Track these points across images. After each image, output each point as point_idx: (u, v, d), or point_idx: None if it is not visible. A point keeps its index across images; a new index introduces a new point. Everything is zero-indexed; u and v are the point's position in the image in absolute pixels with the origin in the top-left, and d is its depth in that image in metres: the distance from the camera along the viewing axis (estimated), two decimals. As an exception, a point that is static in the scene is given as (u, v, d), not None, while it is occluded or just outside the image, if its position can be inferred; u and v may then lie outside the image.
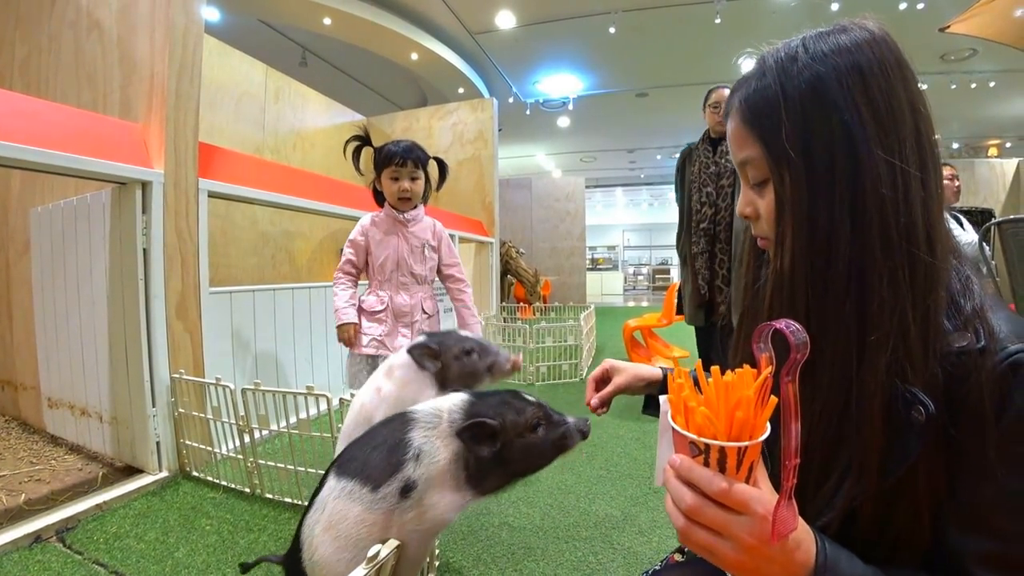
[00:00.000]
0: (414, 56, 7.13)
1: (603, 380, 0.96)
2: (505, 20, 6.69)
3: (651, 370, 0.95)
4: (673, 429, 0.47)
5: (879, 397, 0.49)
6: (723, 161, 2.86)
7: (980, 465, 0.47)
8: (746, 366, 0.46)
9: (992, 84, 8.01)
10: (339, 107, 5.56)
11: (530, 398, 0.94)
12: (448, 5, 6.38)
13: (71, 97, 2.30)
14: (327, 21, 6.17)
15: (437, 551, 1.40)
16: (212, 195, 2.22)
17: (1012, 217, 2.59)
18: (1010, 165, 8.05)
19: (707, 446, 0.44)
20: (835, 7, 5.94)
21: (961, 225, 2.93)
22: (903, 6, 5.68)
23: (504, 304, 7.31)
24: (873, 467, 0.49)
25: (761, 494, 0.44)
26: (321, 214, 3.13)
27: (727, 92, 2.73)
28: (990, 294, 0.54)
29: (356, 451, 0.92)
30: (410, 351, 1.26)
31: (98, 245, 2.07)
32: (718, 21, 6.24)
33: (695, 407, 0.45)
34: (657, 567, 0.95)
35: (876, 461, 0.49)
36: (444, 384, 1.24)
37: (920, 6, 5.69)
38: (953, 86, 7.80)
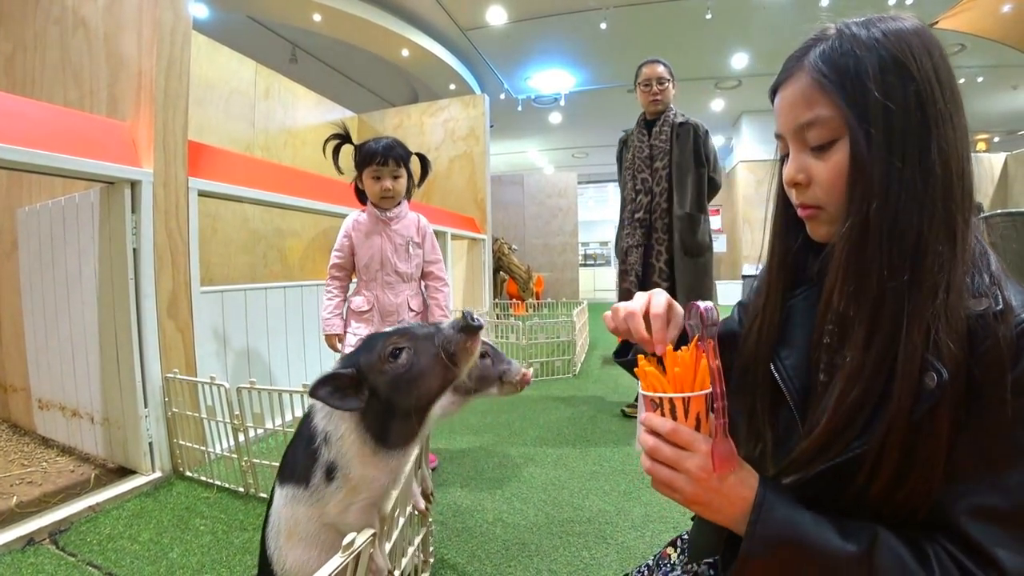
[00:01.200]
0: (405, 52, 7.10)
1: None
2: (496, 16, 6.67)
3: None
4: (641, 393, 0.59)
5: (919, 352, 0.51)
6: (657, 143, 2.69)
7: (986, 419, 0.50)
8: (692, 339, 0.58)
9: (980, 79, 8.09)
10: (330, 104, 5.54)
11: (389, 328, 0.87)
12: (439, 1, 6.35)
13: (57, 95, 2.28)
14: (317, 18, 6.13)
15: (432, 548, 1.40)
16: (202, 194, 2.20)
17: (1000, 211, 2.63)
18: (998, 159, 8.16)
19: (660, 400, 0.56)
20: (824, 2, 5.96)
21: None
22: (892, 1, 5.71)
23: (497, 300, 7.31)
24: (903, 413, 0.51)
25: (704, 436, 0.55)
26: (312, 212, 3.12)
27: (660, 68, 2.62)
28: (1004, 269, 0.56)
29: (287, 455, 0.91)
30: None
31: (87, 245, 2.05)
32: (709, 16, 6.25)
33: (648, 370, 0.58)
34: (649, 562, 0.96)
35: (907, 409, 0.51)
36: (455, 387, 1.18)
37: (909, 1, 5.72)
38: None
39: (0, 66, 2.63)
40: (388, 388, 0.80)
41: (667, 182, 2.63)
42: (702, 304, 0.55)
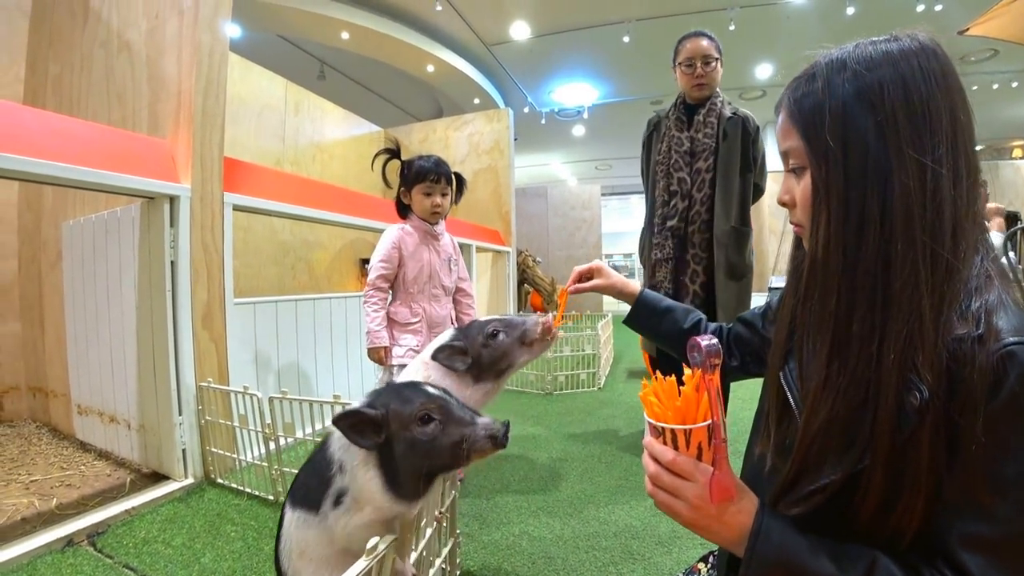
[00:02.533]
0: (430, 68, 7.23)
1: (588, 276, 1.14)
2: (520, 31, 6.75)
3: (629, 284, 1.13)
4: (645, 419, 0.61)
5: (896, 376, 0.53)
6: (700, 136, 2.20)
7: (971, 447, 0.50)
8: (694, 371, 0.59)
9: (1015, 84, 7.90)
10: (356, 119, 5.65)
11: (432, 390, 0.85)
12: (463, 17, 6.47)
13: (102, 115, 2.38)
14: (345, 35, 6.29)
15: (459, 559, 1.41)
16: (236, 208, 2.27)
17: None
18: (1035, 167, 7.91)
19: (663, 428, 0.58)
20: (850, 11, 5.90)
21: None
22: (920, 8, 5.63)
23: (520, 312, 7.32)
24: (886, 435, 0.53)
25: (704, 466, 0.57)
26: (340, 225, 3.18)
27: (705, 42, 2.24)
28: (1012, 297, 0.56)
29: (300, 477, 0.92)
30: (435, 356, 1.19)
31: (128, 257, 2.13)
32: (732, 28, 6.24)
33: (653, 400, 0.60)
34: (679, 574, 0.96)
35: (889, 431, 0.53)
36: (480, 376, 1.16)
37: (938, 8, 5.64)
38: (975, 87, 7.66)
39: (49, 87, 2.76)
40: (403, 445, 0.80)
41: (710, 187, 2.18)
42: (703, 341, 0.57)
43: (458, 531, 1.38)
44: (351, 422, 0.79)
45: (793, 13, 6.16)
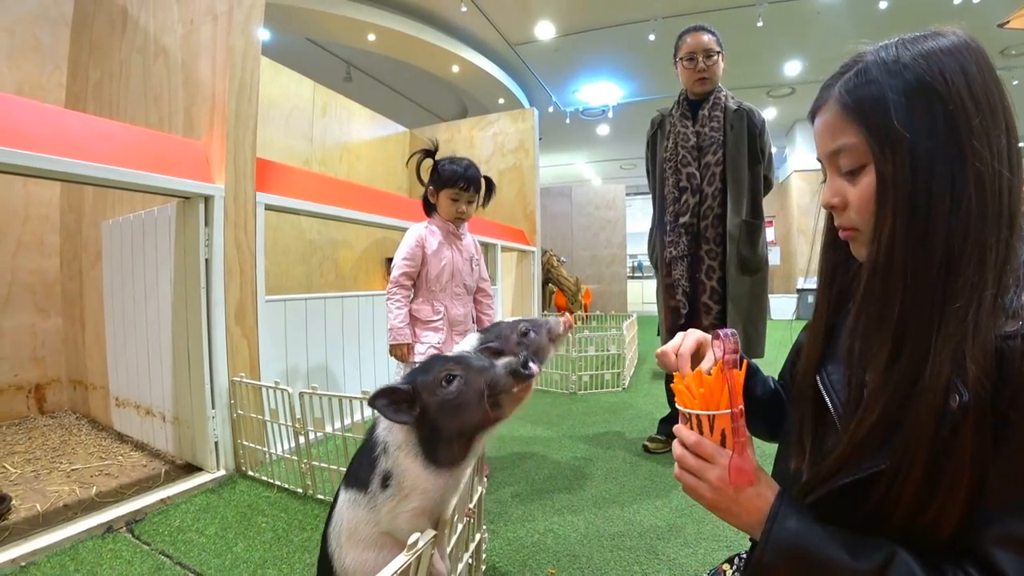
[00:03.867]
0: (455, 68, 7.27)
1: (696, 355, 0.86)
2: (545, 31, 6.74)
3: None
4: (676, 406, 0.65)
5: (947, 373, 0.51)
6: (707, 130, 2.20)
7: (1013, 444, 0.49)
8: (718, 362, 0.62)
9: (1059, 80, 7.58)
10: (383, 120, 5.72)
11: (449, 355, 0.89)
12: (488, 18, 6.48)
13: (139, 118, 2.46)
14: (371, 37, 6.36)
15: (484, 555, 1.42)
16: (268, 208, 2.33)
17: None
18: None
19: (689, 414, 0.62)
20: (883, 5, 5.74)
21: None
22: (958, 1, 5.46)
23: (545, 313, 7.31)
24: (929, 432, 0.51)
25: (726, 451, 0.59)
26: (367, 224, 3.23)
27: (706, 37, 2.21)
28: None
29: (353, 461, 0.96)
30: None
31: (164, 256, 2.20)
32: (760, 24, 6.12)
33: (681, 388, 0.64)
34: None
35: (932, 428, 0.51)
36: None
37: (976, 1, 5.45)
38: (1015, 82, 7.40)
39: (89, 92, 2.86)
40: (435, 411, 0.83)
41: (721, 181, 2.17)
42: (723, 332, 0.61)
43: (484, 527, 1.39)
44: (386, 401, 0.82)
45: (824, 8, 6.02)
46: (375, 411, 0.83)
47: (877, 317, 0.58)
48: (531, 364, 0.81)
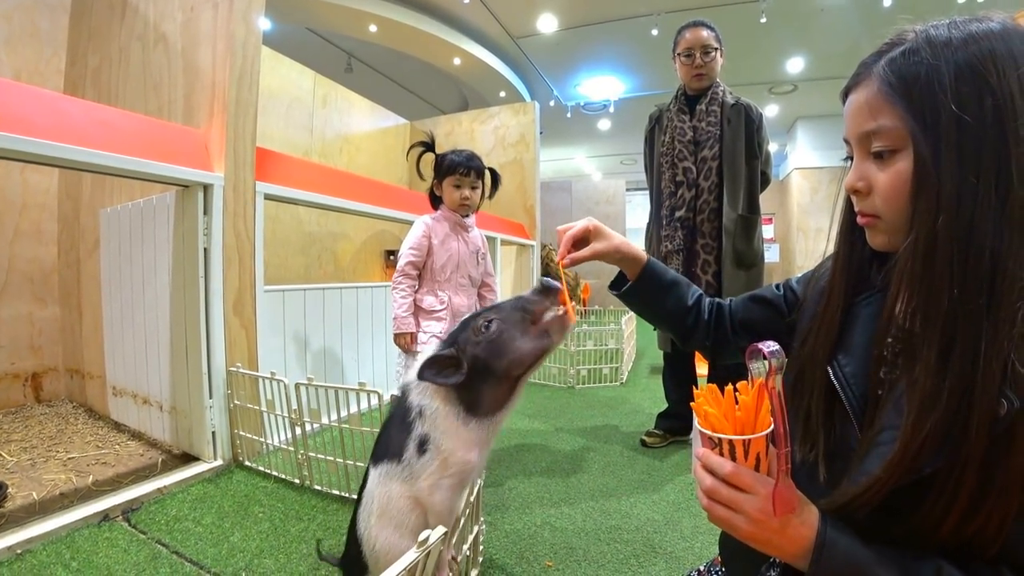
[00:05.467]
0: (457, 61, 7.23)
1: (582, 241, 0.96)
2: (547, 24, 6.71)
3: (632, 248, 0.96)
4: (698, 429, 0.58)
5: (999, 376, 0.49)
6: (704, 125, 2.22)
7: None
8: (753, 380, 0.55)
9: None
10: (383, 111, 5.69)
11: (477, 311, 0.95)
12: (490, 10, 6.45)
13: (138, 105, 2.44)
14: (373, 28, 6.32)
15: (482, 546, 1.42)
16: (268, 197, 2.31)
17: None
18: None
19: (720, 440, 0.55)
20: (887, 3, 5.72)
21: None
22: (962, 0, 5.44)
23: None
24: (983, 437, 0.49)
25: (764, 478, 0.54)
26: (366, 216, 3.21)
27: (705, 32, 2.22)
28: None
29: (381, 437, 0.97)
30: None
31: (162, 244, 2.19)
32: (763, 20, 6.10)
33: (709, 411, 0.56)
34: (700, 567, 0.95)
35: (986, 433, 0.49)
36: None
37: (980, 0, 5.43)
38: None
39: (88, 78, 2.84)
40: (485, 354, 0.86)
41: (717, 176, 2.20)
42: (765, 347, 0.53)
43: (482, 519, 1.39)
44: (434, 370, 0.86)
45: (827, 5, 6.00)
46: (427, 380, 0.86)
47: (923, 312, 0.54)
48: (550, 280, 0.89)
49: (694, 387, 0.63)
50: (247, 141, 2.17)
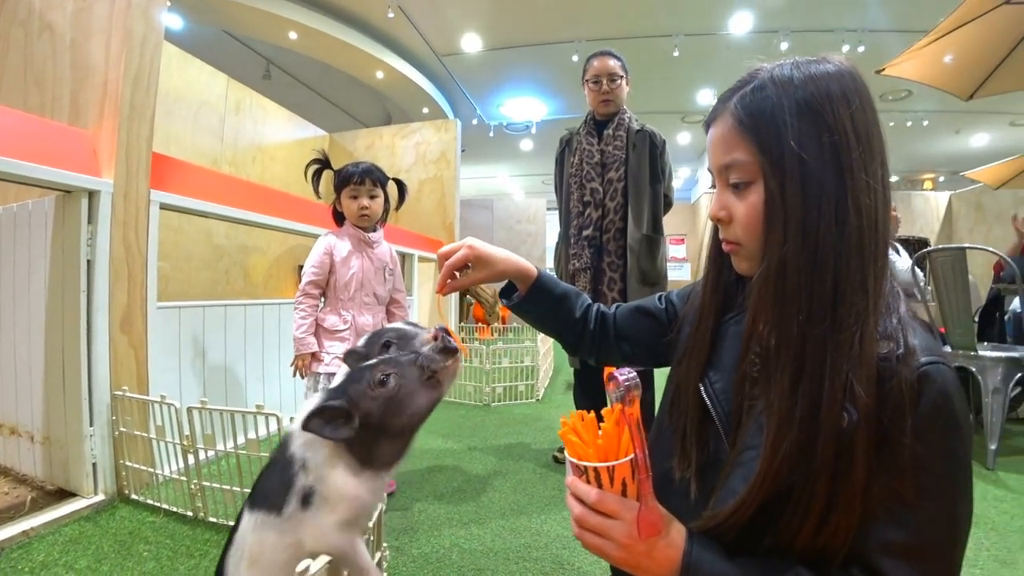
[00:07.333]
0: (380, 75, 7.15)
1: (463, 268, 0.88)
2: (471, 43, 6.80)
3: (520, 265, 0.89)
4: (566, 458, 0.58)
5: (841, 394, 0.53)
6: (611, 148, 2.31)
7: (893, 459, 0.52)
8: (613, 406, 0.55)
9: (925, 123, 8.61)
10: (302, 122, 5.52)
11: (373, 360, 0.88)
12: (415, 26, 6.45)
13: (16, 100, 2.21)
14: (293, 35, 6.13)
15: (385, 573, 1.37)
16: (164, 207, 2.16)
17: (943, 246, 2.77)
18: (943, 198, 8.72)
19: (585, 467, 0.55)
20: (784, 46, 6.29)
21: (898, 252, 3.02)
22: (846, 48, 6.07)
23: (463, 324, 7.29)
24: (830, 454, 0.53)
25: (630, 502, 0.55)
26: (279, 230, 3.08)
27: (611, 61, 2.34)
28: (911, 311, 0.59)
29: (259, 482, 0.91)
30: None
31: (38, 254, 1.98)
32: (676, 54, 6.52)
33: (573, 439, 0.57)
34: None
35: (834, 450, 0.53)
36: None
37: (861, 49, 6.09)
38: (891, 123, 8.35)
39: (-43, 67, 2.55)
40: (380, 412, 0.82)
41: (623, 196, 2.28)
42: (620, 375, 0.54)
43: (384, 544, 1.35)
44: (321, 420, 0.79)
45: (732, 44, 6.51)
46: (313, 431, 0.79)
47: (776, 340, 0.57)
48: (450, 340, 0.85)
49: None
50: (142, 145, 2.02)
